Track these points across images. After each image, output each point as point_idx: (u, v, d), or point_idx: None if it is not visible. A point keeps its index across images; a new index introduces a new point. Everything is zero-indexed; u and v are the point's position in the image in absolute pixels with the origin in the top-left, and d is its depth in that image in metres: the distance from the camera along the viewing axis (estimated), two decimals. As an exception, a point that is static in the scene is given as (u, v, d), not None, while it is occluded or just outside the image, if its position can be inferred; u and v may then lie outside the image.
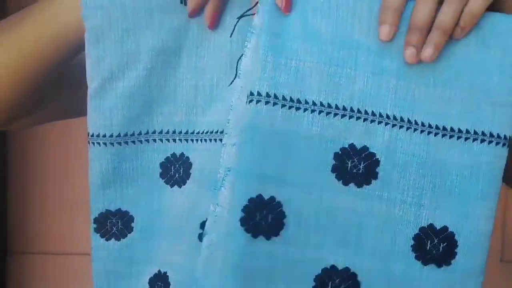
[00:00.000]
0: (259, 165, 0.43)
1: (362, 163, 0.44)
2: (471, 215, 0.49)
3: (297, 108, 0.43)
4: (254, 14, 0.42)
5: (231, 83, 0.47)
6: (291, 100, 0.43)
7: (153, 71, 0.49)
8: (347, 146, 0.44)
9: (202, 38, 0.47)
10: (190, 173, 0.49)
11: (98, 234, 0.52)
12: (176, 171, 0.50)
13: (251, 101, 0.43)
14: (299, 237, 0.44)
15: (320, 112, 0.43)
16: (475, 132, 0.45)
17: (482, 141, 0.45)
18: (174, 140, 0.50)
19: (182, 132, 0.49)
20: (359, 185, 0.45)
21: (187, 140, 0.49)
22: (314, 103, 0.44)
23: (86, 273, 3.01)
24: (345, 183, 0.45)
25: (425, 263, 0.47)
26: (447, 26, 0.43)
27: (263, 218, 0.43)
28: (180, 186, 0.51)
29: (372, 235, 0.45)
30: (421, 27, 0.45)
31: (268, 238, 0.44)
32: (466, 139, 0.45)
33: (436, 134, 0.45)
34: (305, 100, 0.43)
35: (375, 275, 0.45)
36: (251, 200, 0.43)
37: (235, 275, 0.42)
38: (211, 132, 0.47)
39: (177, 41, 0.48)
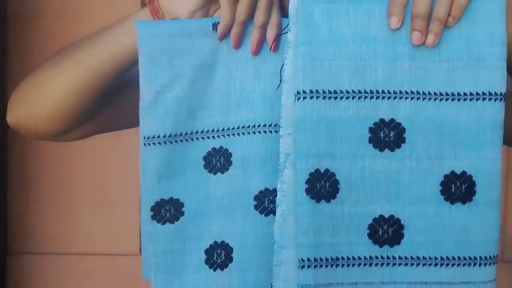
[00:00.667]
0: (313, 146, 0.56)
1: (392, 132, 0.57)
2: (482, 158, 0.58)
3: (335, 98, 0.55)
4: (287, 32, 0.57)
5: (278, 88, 0.58)
6: (329, 92, 0.56)
7: (194, 83, 0.62)
8: (378, 120, 0.57)
9: (230, 55, 0.61)
10: (232, 161, 0.61)
11: (155, 221, 0.64)
12: (217, 161, 0.62)
13: (298, 98, 0.55)
14: (351, 197, 0.57)
15: (353, 97, 0.56)
16: (477, 93, 0.56)
17: (483, 99, 0.56)
18: (214, 137, 0.62)
19: (220, 129, 0.62)
20: (392, 149, 0.58)
21: (224, 136, 0.62)
22: (347, 92, 0.56)
23: (86, 273, 3.03)
24: (381, 150, 0.58)
25: (452, 202, 0.60)
26: (442, 17, 0.55)
27: (322, 186, 0.56)
28: (223, 173, 0.63)
29: (407, 187, 0.58)
30: (422, 16, 0.56)
31: (328, 201, 0.57)
32: (470, 99, 0.56)
33: (447, 100, 0.56)
34: (340, 90, 0.56)
35: (414, 218, 0.58)
36: (311, 174, 0.56)
37: (306, 233, 0.55)
38: (248, 127, 0.61)
39: (212, 59, 0.61)
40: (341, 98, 0.56)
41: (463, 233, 0.62)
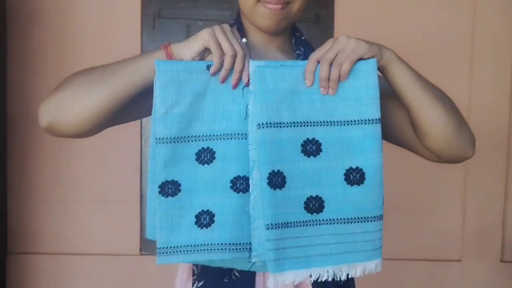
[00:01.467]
0: (269, 156, 0.89)
1: (314, 145, 0.91)
2: (368, 158, 0.92)
3: (280, 126, 0.90)
4: (249, 83, 0.92)
5: (245, 119, 0.91)
6: (276, 123, 0.90)
7: (192, 103, 0.90)
8: (305, 139, 0.91)
9: (217, 86, 0.91)
10: (215, 157, 0.92)
11: (161, 195, 0.91)
12: (205, 156, 0.92)
13: (259, 127, 0.89)
14: (293, 186, 0.90)
15: (290, 126, 0.90)
16: (361, 120, 0.91)
17: (365, 123, 0.91)
18: (203, 140, 0.91)
19: (207, 135, 0.91)
20: (314, 156, 0.91)
21: (210, 140, 0.91)
22: (286, 123, 0.90)
23: (86, 273, 3.03)
24: (308, 156, 0.91)
25: (351, 185, 0.92)
26: (335, 78, 0.89)
27: (276, 180, 0.89)
28: (208, 164, 0.92)
29: (324, 177, 0.91)
30: (324, 79, 0.89)
31: (280, 189, 0.89)
32: (358, 124, 0.91)
33: (344, 124, 0.91)
34: (282, 122, 0.90)
35: (330, 196, 0.92)
36: (270, 173, 0.88)
37: (268, 209, 0.88)
38: (227, 134, 0.92)
39: (204, 88, 0.90)
40: (283, 126, 0.90)
41: (359, 202, 0.92)
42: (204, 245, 0.91)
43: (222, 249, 0.91)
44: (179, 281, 1.08)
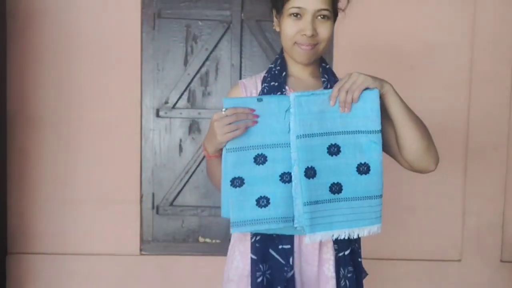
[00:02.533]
0: (305, 157, 1.27)
1: (335, 148, 1.28)
2: (372, 156, 1.29)
3: (312, 136, 1.28)
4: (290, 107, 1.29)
5: (288, 132, 1.29)
6: (309, 134, 1.28)
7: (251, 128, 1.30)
8: (329, 144, 1.29)
9: (265, 112, 1.29)
10: (267, 159, 1.29)
11: (232, 186, 1.27)
12: (260, 159, 1.28)
13: (297, 138, 1.27)
14: (321, 176, 1.29)
15: (319, 135, 1.29)
16: (368, 131, 1.29)
17: (372, 133, 1.29)
18: (258, 148, 1.29)
19: (260, 145, 1.29)
20: (336, 155, 1.29)
21: (263, 148, 1.29)
22: (317, 134, 1.28)
23: (86, 273, 3.03)
24: (331, 155, 1.29)
25: (361, 174, 1.29)
26: (350, 101, 1.26)
27: (310, 172, 1.28)
28: (263, 164, 1.29)
29: (343, 169, 1.28)
30: (342, 100, 1.26)
31: (313, 178, 1.28)
32: (366, 133, 1.29)
33: (356, 133, 1.29)
34: (314, 133, 1.28)
35: (346, 182, 1.29)
36: (306, 168, 1.26)
37: (305, 191, 1.27)
38: (274, 144, 1.29)
39: (257, 113, 1.29)
40: (314, 136, 1.28)
41: (366, 186, 1.30)
42: (263, 219, 1.28)
43: (276, 221, 1.29)
44: (237, 239, 1.45)
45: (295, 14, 1.32)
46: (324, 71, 1.42)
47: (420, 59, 2.70)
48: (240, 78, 2.73)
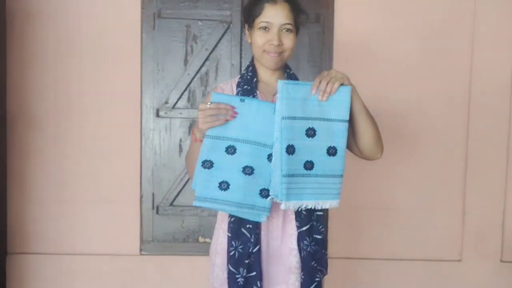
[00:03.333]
0: (287, 136, 1.45)
1: (312, 131, 1.47)
2: (339, 141, 1.49)
3: (294, 119, 1.47)
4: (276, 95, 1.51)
5: (274, 113, 1.47)
6: (292, 117, 1.46)
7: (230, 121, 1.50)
8: (308, 127, 1.48)
9: (243, 112, 1.49)
10: (236, 152, 1.47)
11: (202, 167, 1.46)
12: (230, 150, 1.47)
13: (282, 119, 1.45)
14: (298, 154, 1.48)
15: (300, 119, 1.47)
16: (340, 119, 1.49)
17: (341, 121, 1.49)
18: (231, 140, 1.47)
19: (234, 138, 1.47)
20: (312, 137, 1.47)
21: (235, 141, 1.48)
22: (299, 117, 1.47)
23: (85, 272, 3.02)
24: (308, 137, 1.47)
25: (329, 155, 1.49)
26: (329, 91, 1.47)
27: (290, 150, 1.46)
28: (232, 155, 1.47)
29: (316, 150, 1.48)
30: (322, 89, 1.47)
31: (292, 154, 1.46)
32: (338, 121, 1.49)
33: (331, 121, 1.49)
34: (296, 116, 1.47)
35: (317, 161, 1.48)
36: (287, 145, 1.45)
37: (285, 165, 1.45)
38: (245, 140, 1.48)
39: (237, 111, 1.49)
40: (296, 119, 1.46)
41: (332, 166, 1.49)
42: (221, 200, 1.46)
43: (230, 204, 1.47)
44: (220, 219, 1.69)
45: (264, 28, 1.57)
46: (289, 76, 1.69)
47: (420, 59, 2.70)
48: (240, 78, 2.73)
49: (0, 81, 2.61)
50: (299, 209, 1.51)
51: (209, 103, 1.45)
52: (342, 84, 1.48)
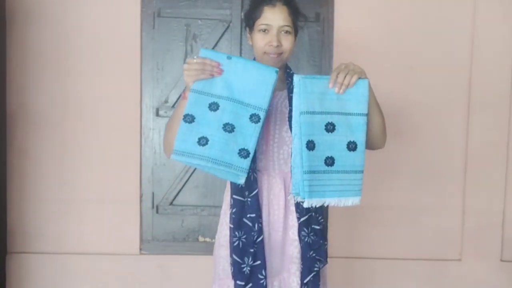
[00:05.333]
0: (307, 132, 1.43)
1: (331, 126, 1.46)
2: (359, 135, 1.48)
3: (313, 113, 1.45)
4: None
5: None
6: (311, 112, 1.45)
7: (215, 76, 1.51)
8: (327, 122, 1.46)
9: (227, 70, 1.51)
10: (219, 109, 1.46)
11: (183, 121, 1.44)
12: (213, 107, 1.46)
13: (301, 114, 1.44)
14: (319, 149, 1.45)
15: (319, 113, 1.46)
16: (358, 113, 1.48)
17: (360, 115, 1.49)
18: (214, 97, 1.47)
19: (217, 95, 1.47)
20: (332, 132, 1.46)
21: (218, 98, 1.47)
22: (317, 112, 1.45)
23: (85, 272, 3.02)
24: (328, 132, 1.45)
25: (350, 151, 1.47)
26: (347, 83, 1.47)
27: (310, 145, 1.45)
28: (214, 111, 1.46)
29: (336, 145, 1.46)
30: (340, 82, 1.47)
31: (312, 150, 1.46)
32: (357, 115, 1.48)
33: (350, 115, 1.48)
34: (314, 111, 1.45)
35: (338, 157, 1.46)
36: (307, 141, 1.44)
37: (306, 161, 1.44)
38: (228, 97, 1.48)
39: (223, 68, 1.49)
40: (315, 114, 1.44)
41: (353, 161, 1.48)
42: (198, 155, 1.43)
43: (207, 160, 1.43)
44: (223, 212, 1.70)
45: (263, 30, 1.62)
46: (288, 76, 1.72)
47: (420, 59, 2.70)
48: (240, 78, 2.73)
49: (0, 81, 2.61)
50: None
51: (195, 57, 1.47)
52: (359, 78, 1.48)
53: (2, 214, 2.67)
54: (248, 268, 1.58)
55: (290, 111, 1.61)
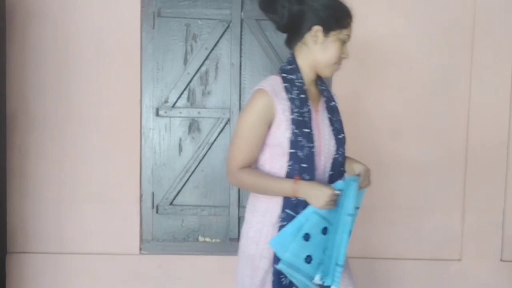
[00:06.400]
0: (350, 228, 1.57)
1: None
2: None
3: (353, 215, 1.56)
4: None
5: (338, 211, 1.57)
6: (353, 214, 1.55)
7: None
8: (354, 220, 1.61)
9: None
10: (326, 233, 1.56)
11: (304, 239, 1.52)
12: (324, 230, 1.56)
13: (348, 215, 1.55)
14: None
15: (354, 213, 1.57)
16: (348, 213, 1.56)
17: (349, 215, 1.56)
18: (328, 223, 1.55)
19: (329, 221, 1.56)
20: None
21: (329, 223, 1.55)
22: (353, 212, 1.54)
23: (85, 272, 3.02)
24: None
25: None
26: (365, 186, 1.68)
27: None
28: (324, 235, 1.58)
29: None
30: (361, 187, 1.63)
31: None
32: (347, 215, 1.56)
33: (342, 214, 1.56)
34: (353, 212, 1.55)
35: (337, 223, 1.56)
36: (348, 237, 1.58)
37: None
38: (331, 223, 1.56)
39: None
40: (353, 215, 1.55)
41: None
42: (304, 272, 1.51)
43: (305, 276, 1.51)
44: (263, 223, 1.62)
45: (344, 41, 1.62)
46: (320, 80, 1.69)
47: (420, 59, 2.70)
48: (240, 77, 2.72)
49: (0, 81, 2.61)
50: None
51: (337, 191, 1.49)
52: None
53: (2, 214, 2.67)
54: (288, 281, 1.58)
55: (331, 119, 1.62)
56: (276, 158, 1.56)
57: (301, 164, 1.52)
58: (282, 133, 1.52)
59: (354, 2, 1.69)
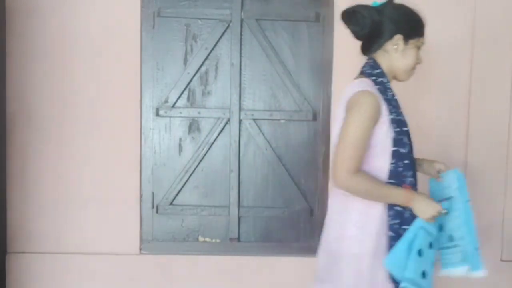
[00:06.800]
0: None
1: None
2: None
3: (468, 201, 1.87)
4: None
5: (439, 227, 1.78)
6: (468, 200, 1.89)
7: None
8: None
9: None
10: (431, 248, 1.68)
11: (418, 255, 1.60)
12: (431, 245, 1.67)
13: (466, 202, 1.89)
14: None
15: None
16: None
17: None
18: (432, 237, 1.67)
19: (433, 235, 1.68)
20: None
21: (433, 238, 1.69)
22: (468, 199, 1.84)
23: (84, 272, 3.01)
24: None
25: None
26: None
27: None
28: (431, 249, 1.67)
29: None
30: None
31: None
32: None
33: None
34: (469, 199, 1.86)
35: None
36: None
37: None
38: (436, 238, 1.73)
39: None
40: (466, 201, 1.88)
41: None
42: (422, 286, 1.60)
43: None
44: (365, 221, 1.64)
45: (419, 48, 1.78)
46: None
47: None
48: (240, 77, 2.72)
49: (0, 81, 2.61)
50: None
51: (444, 210, 1.66)
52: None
53: (2, 214, 2.67)
54: None
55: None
56: (375, 158, 1.60)
57: (404, 161, 1.62)
58: (384, 133, 1.58)
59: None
